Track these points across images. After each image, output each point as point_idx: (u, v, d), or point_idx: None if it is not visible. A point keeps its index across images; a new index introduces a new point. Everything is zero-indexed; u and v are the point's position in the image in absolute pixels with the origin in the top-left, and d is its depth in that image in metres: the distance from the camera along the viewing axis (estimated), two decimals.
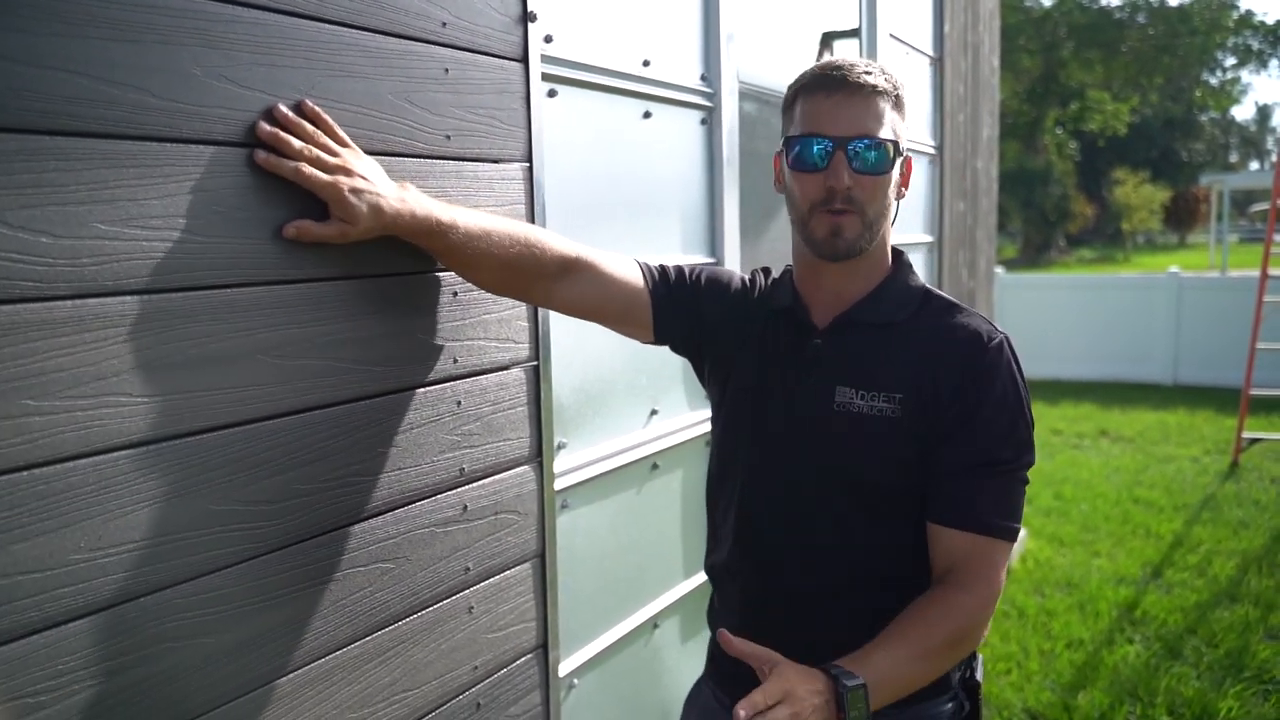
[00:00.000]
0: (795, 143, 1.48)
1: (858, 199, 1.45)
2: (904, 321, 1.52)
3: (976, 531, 1.43)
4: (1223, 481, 7.34)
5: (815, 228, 1.48)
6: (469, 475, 1.76)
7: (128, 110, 1.20)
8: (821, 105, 1.46)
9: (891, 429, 1.47)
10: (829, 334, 1.54)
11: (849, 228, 1.46)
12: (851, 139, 1.43)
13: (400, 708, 1.65)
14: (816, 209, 1.47)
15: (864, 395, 1.48)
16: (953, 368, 1.47)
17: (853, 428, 1.49)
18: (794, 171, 1.49)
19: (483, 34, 1.76)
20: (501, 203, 1.81)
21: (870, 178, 1.45)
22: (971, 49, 5.29)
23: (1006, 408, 1.45)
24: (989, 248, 5.88)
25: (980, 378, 1.45)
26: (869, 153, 1.44)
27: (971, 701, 1.59)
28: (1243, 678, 4.10)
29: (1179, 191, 39.17)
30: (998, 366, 1.46)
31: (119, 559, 1.21)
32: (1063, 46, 34.96)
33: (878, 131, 1.44)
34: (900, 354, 1.50)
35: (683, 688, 2.76)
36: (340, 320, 1.50)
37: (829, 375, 1.52)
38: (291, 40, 1.41)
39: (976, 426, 1.44)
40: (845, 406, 1.49)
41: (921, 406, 1.46)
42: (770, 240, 3.21)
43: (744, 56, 2.90)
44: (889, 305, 1.54)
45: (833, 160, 1.44)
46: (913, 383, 1.47)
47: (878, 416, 1.47)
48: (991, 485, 1.44)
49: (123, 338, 1.20)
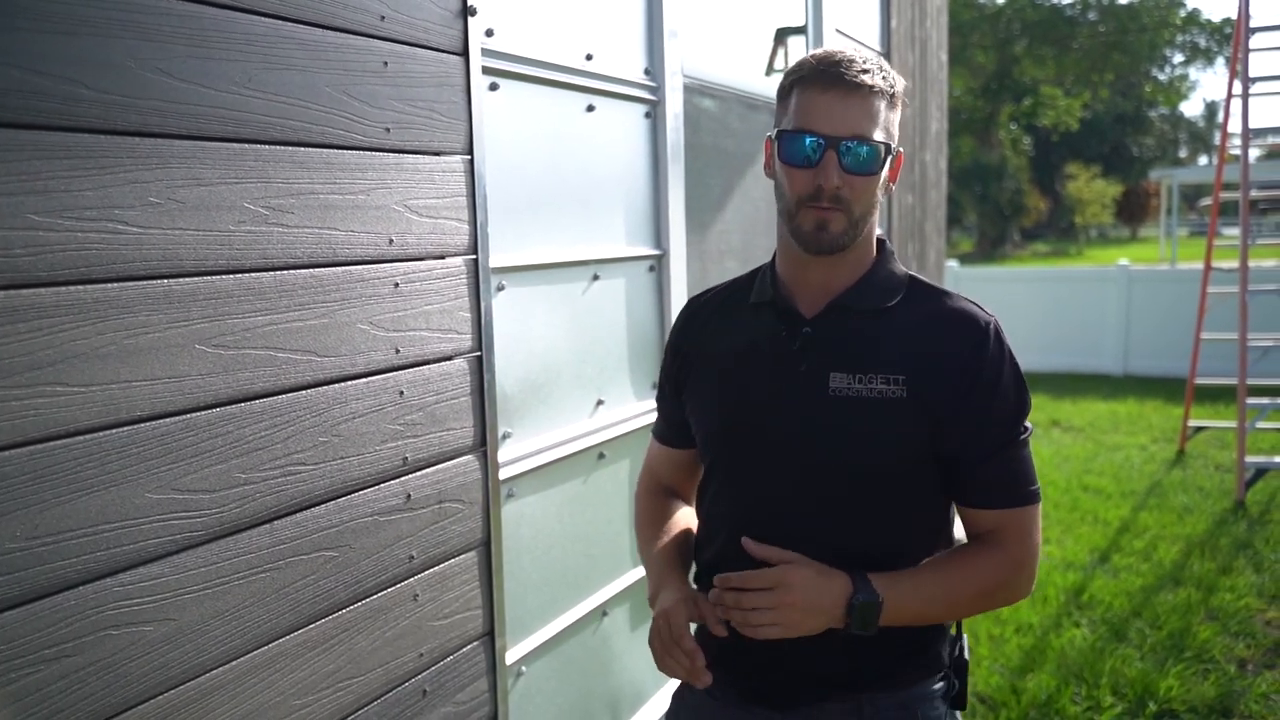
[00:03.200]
0: (788, 136, 1.47)
1: (845, 197, 1.45)
2: (893, 307, 1.53)
3: (1010, 507, 1.51)
4: (1169, 469, 7.50)
5: (802, 221, 1.48)
6: (412, 464, 1.78)
7: (59, 102, 1.21)
8: (817, 100, 1.45)
9: (896, 410, 1.48)
10: (819, 322, 1.54)
11: (835, 223, 1.47)
12: (844, 138, 1.43)
13: (345, 695, 1.67)
14: (804, 203, 1.47)
15: (860, 379, 1.49)
16: (948, 354, 1.49)
17: (850, 413, 1.49)
18: (784, 165, 1.49)
19: (422, 27, 1.77)
20: (442, 195, 1.83)
21: (860, 178, 1.45)
22: (919, 43, 5.37)
23: (1013, 387, 1.51)
24: (939, 240, 5.96)
25: (985, 364, 1.49)
26: (860, 152, 1.44)
27: (960, 680, 1.62)
28: (1184, 658, 4.20)
29: (1130, 186, 39.79)
30: (997, 351, 1.50)
31: (56, 548, 1.22)
32: (1016, 43, 35.41)
33: (871, 132, 1.44)
34: (895, 337, 1.51)
35: (633, 674, 2.80)
36: (280, 310, 1.51)
37: (821, 362, 1.52)
38: (227, 33, 1.42)
39: (992, 413, 1.49)
40: (840, 392, 1.49)
41: (926, 386, 1.47)
42: (717, 233, 3.24)
43: (689, 50, 2.93)
44: (877, 292, 1.55)
45: (824, 158, 1.44)
46: (914, 364, 1.48)
47: (879, 399, 1.48)
48: (1013, 461, 1.51)
49: (57, 328, 1.21)
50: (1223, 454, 7.82)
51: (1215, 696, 3.87)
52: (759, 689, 1.58)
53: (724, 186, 3.24)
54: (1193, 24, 38.18)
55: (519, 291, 2.23)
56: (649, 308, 2.81)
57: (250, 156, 1.46)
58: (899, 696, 1.54)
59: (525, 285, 2.25)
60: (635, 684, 2.82)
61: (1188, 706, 3.83)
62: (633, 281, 2.73)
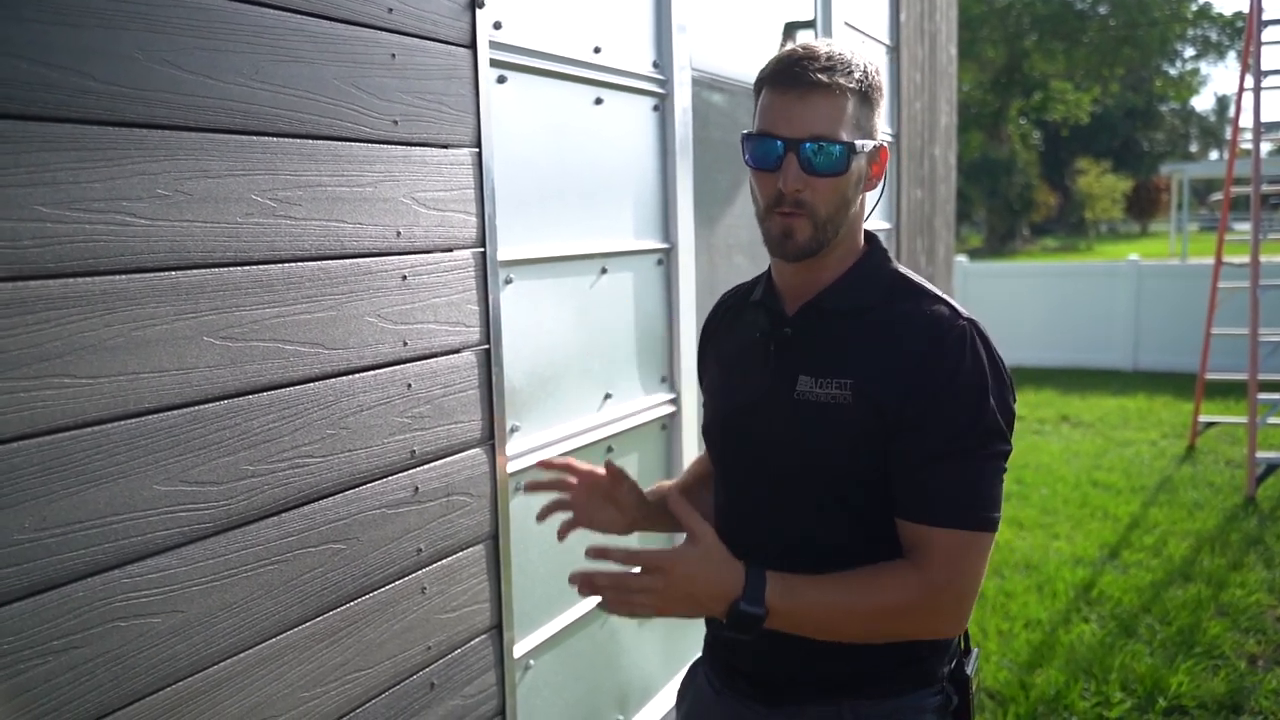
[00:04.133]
0: (752, 140, 1.45)
1: (808, 201, 1.42)
2: (872, 308, 1.49)
3: (932, 524, 1.39)
4: (1179, 464, 7.47)
5: (770, 228, 1.47)
6: (420, 457, 1.78)
7: (67, 94, 1.21)
8: (776, 102, 1.42)
9: (845, 414, 1.44)
10: (796, 322, 1.53)
11: (799, 230, 1.43)
12: (803, 140, 1.39)
13: (353, 687, 1.67)
14: (771, 209, 1.45)
15: (822, 384, 1.46)
16: (904, 355, 1.43)
17: (810, 416, 1.47)
18: (751, 169, 1.47)
19: (430, 19, 1.77)
20: (450, 188, 1.82)
21: (823, 179, 1.41)
22: (928, 37, 5.35)
23: (969, 394, 1.40)
24: (948, 235, 5.94)
25: (937, 367, 1.40)
26: (821, 153, 1.39)
27: (961, 696, 1.56)
28: (1194, 653, 4.19)
29: (1140, 181, 39.60)
30: (958, 353, 1.41)
31: (64, 539, 1.22)
32: (1026, 37, 35.26)
33: (834, 132, 1.40)
34: (864, 341, 1.47)
35: (641, 668, 2.80)
36: (288, 303, 1.51)
37: (793, 364, 1.51)
38: (235, 25, 1.42)
39: (936, 417, 1.39)
40: (804, 395, 1.47)
41: (877, 388, 1.42)
42: (726, 226, 3.24)
43: (698, 44, 2.93)
44: (855, 292, 1.51)
45: (784, 161, 1.40)
46: (862, 369, 1.44)
47: (831, 404, 1.45)
48: (963, 474, 1.39)
49: (65, 319, 1.21)
50: (1233, 449, 7.79)
51: (1225, 692, 3.86)
52: (750, 681, 1.58)
53: (732, 181, 3.23)
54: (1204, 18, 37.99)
55: (527, 285, 2.23)
56: (657, 301, 2.81)
57: (258, 148, 1.46)
58: (883, 705, 1.50)
59: (533, 279, 2.25)
60: (643, 678, 2.81)
61: (1197, 702, 3.81)
62: (641, 275, 2.72)
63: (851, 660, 1.48)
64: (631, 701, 2.77)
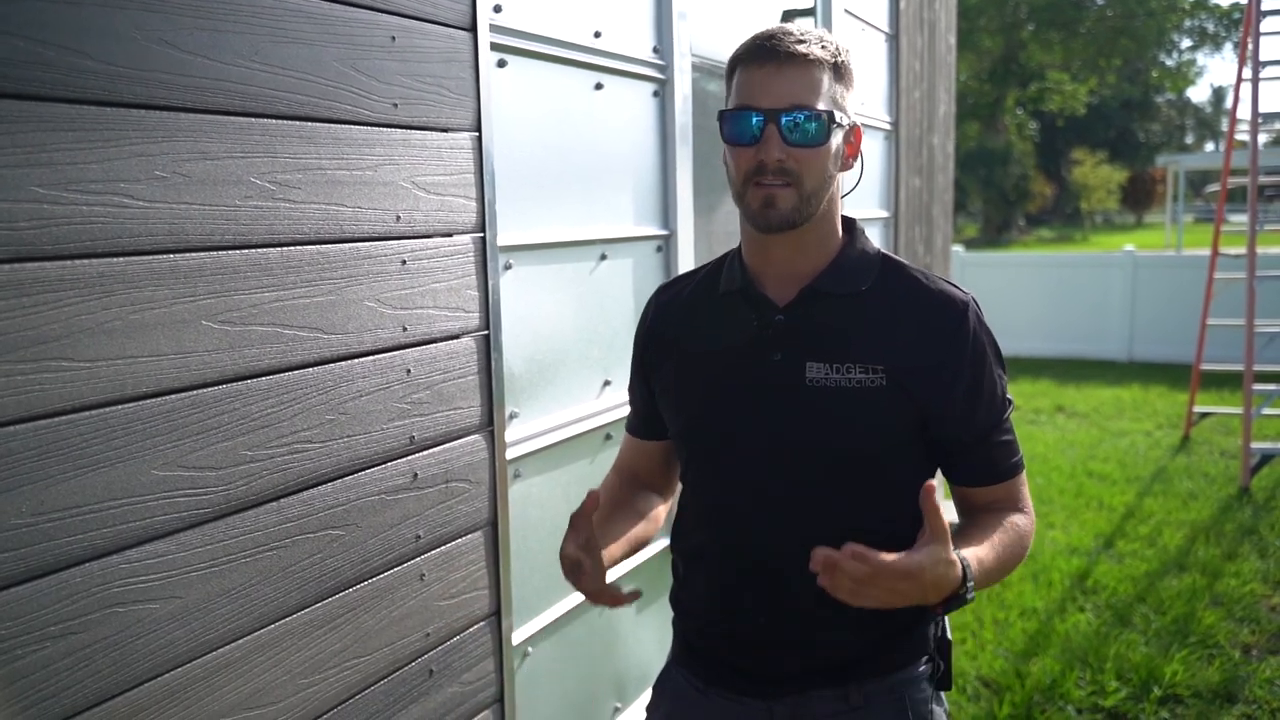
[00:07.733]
0: (728, 116, 1.45)
1: (793, 171, 1.42)
2: (868, 290, 1.50)
3: (1006, 480, 1.55)
4: (1174, 455, 7.48)
5: (750, 199, 1.45)
6: (419, 443, 1.77)
7: (64, 73, 1.19)
8: (754, 76, 1.43)
9: (877, 398, 1.45)
10: (793, 309, 1.51)
11: (783, 199, 1.43)
12: (784, 110, 1.40)
13: (352, 674, 1.66)
14: (750, 181, 1.44)
15: (838, 369, 1.46)
16: (934, 335, 1.47)
17: (829, 403, 1.46)
18: (728, 145, 1.46)
19: (430, 2, 1.75)
20: (450, 172, 1.81)
21: (805, 149, 1.42)
22: (928, 25, 5.33)
23: (994, 370, 1.52)
24: (945, 224, 5.93)
25: (968, 347, 1.48)
26: (802, 122, 1.40)
27: (945, 661, 1.60)
28: (1188, 643, 4.20)
29: (1136, 172, 39.61)
30: (979, 329, 1.50)
31: (61, 524, 1.21)
32: (1023, 28, 35.20)
33: (813, 102, 1.41)
34: (872, 324, 1.48)
35: (639, 656, 2.80)
36: (287, 287, 1.50)
37: (797, 351, 1.49)
38: (234, 4, 1.40)
39: (982, 395, 1.49)
40: (818, 382, 1.46)
41: (908, 374, 1.45)
42: (725, 213, 3.22)
43: (699, 30, 2.91)
44: (850, 275, 1.51)
45: (765, 133, 1.41)
46: (893, 351, 1.46)
47: (857, 388, 1.45)
48: (1001, 439, 1.54)
49: (62, 302, 1.20)
50: (1228, 440, 7.80)
51: (1220, 682, 3.87)
52: (746, 676, 1.56)
53: None
54: (1201, 9, 37.93)
55: (526, 270, 2.21)
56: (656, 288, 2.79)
57: (257, 130, 1.45)
58: (886, 681, 1.53)
59: (533, 264, 2.24)
60: (641, 665, 2.81)
61: (1192, 691, 3.82)
62: (640, 262, 2.71)
63: (854, 641, 1.49)
64: (629, 688, 2.76)
